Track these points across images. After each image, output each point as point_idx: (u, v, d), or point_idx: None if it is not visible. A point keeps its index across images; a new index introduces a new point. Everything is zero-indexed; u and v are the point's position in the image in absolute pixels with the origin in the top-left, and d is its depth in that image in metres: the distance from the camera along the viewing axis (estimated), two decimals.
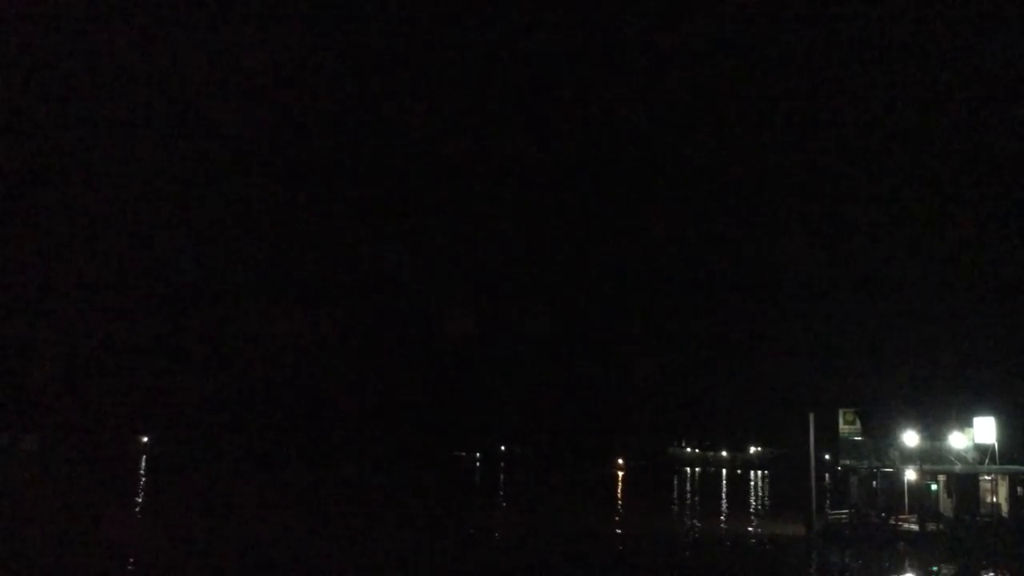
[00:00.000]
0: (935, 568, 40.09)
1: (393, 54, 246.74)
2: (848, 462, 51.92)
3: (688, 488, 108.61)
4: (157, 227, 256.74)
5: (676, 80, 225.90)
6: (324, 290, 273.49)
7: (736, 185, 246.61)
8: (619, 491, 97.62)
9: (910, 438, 47.64)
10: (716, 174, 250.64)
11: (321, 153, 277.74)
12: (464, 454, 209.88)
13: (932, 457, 47.83)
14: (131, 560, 33.74)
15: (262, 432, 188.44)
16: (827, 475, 77.03)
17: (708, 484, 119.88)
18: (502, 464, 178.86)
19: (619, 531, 51.47)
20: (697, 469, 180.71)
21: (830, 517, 49.27)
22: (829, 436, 52.97)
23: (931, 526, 44.56)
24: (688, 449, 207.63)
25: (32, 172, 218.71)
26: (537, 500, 77.96)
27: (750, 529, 53.69)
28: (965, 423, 48.47)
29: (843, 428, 52.22)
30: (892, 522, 46.15)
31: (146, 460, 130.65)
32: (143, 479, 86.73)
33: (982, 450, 47.41)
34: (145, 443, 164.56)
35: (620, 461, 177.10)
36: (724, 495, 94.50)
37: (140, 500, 62.29)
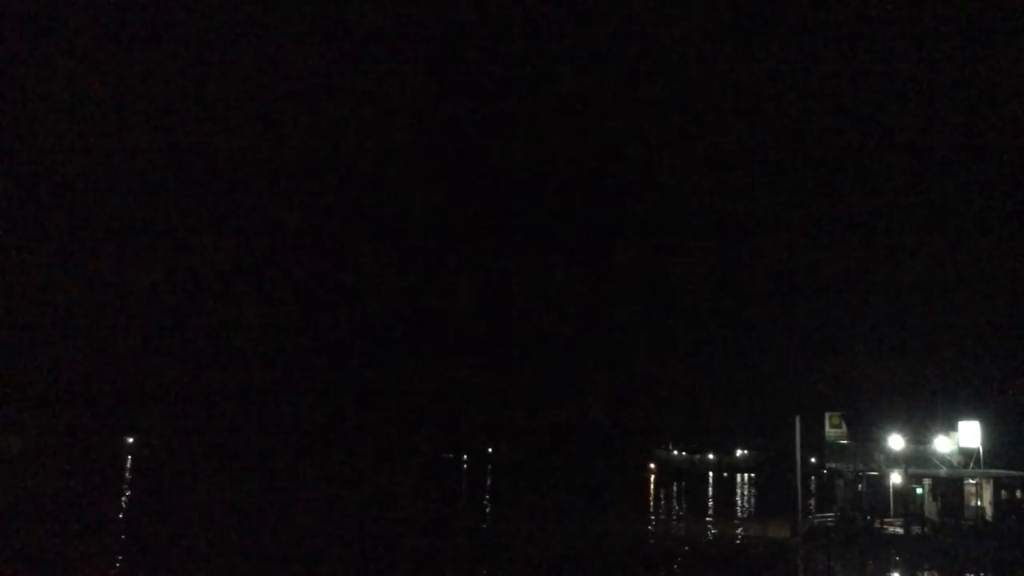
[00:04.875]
0: (920, 571, 40.30)
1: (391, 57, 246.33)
2: (834, 465, 52.17)
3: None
4: (154, 226, 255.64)
5: (673, 80, 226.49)
6: (313, 290, 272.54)
7: (724, 187, 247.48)
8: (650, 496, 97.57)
9: (896, 442, 47.94)
10: (708, 176, 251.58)
11: (315, 152, 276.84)
12: (452, 456, 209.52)
13: (917, 461, 48.16)
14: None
15: (248, 432, 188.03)
16: (813, 478, 77.15)
17: (693, 487, 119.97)
18: (488, 467, 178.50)
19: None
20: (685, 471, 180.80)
21: (816, 520, 49.51)
22: (815, 439, 53.21)
23: (916, 529, 44.80)
24: (675, 452, 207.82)
25: (24, 171, 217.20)
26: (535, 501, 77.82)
27: (737, 531, 53.81)
28: (950, 427, 48.81)
29: (829, 431, 52.48)
30: (877, 525, 46.39)
31: (131, 461, 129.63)
32: (128, 480, 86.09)
33: (967, 454, 47.76)
34: (131, 444, 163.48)
35: (652, 465, 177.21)
36: (710, 497, 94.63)
37: (125, 505, 61.79)
